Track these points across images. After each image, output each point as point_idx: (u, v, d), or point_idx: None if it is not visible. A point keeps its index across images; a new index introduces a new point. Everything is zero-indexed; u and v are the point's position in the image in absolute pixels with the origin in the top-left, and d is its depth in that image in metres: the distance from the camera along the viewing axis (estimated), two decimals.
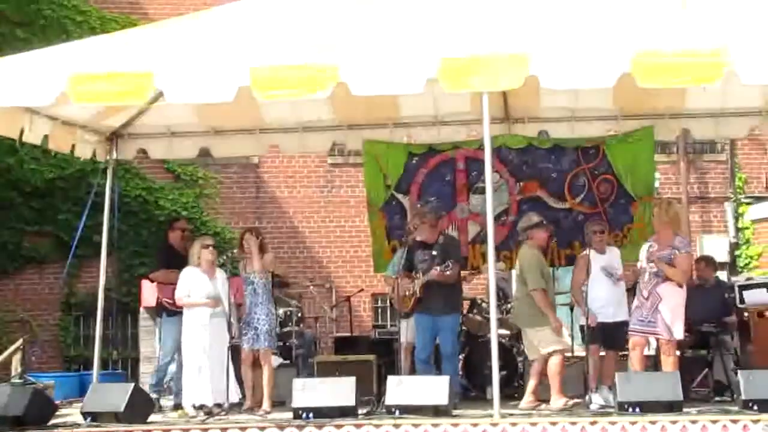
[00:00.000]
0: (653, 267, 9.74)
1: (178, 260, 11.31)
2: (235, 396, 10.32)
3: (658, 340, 9.90)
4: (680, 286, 9.76)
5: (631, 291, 10.30)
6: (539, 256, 10.42)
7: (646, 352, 10.30)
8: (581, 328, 10.77)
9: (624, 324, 10.05)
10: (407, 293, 10.82)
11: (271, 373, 10.47)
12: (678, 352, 10.54)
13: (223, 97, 8.87)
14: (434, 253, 10.68)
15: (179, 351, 10.92)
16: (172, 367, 11.79)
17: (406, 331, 11.00)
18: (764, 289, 11.84)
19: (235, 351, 10.41)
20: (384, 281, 12.34)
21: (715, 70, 8.40)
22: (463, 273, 11.28)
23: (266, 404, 10.26)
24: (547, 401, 10.09)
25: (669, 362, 9.71)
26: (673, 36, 8.77)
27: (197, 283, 10.44)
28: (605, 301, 10.32)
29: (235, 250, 10.88)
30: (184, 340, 10.48)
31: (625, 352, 10.21)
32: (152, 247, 15.46)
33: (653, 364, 10.37)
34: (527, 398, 10.15)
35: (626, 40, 8.73)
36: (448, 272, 10.43)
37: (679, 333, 9.74)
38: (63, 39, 13.68)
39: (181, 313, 10.83)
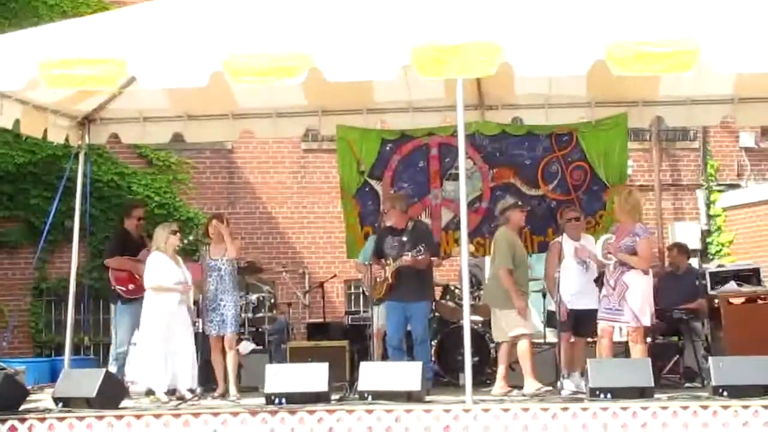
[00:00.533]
0: (611, 259, 9.77)
1: (133, 246, 11.31)
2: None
3: (627, 328, 9.94)
4: (646, 273, 9.81)
5: (598, 281, 10.32)
6: (514, 238, 10.43)
7: (618, 338, 10.36)
8: (550, 313, 10.78)
9: (594, 312, 10.08)
10: (379, 280, 10.83)
11: (235, 358, 10.49)
12: (649, 339, 10.61)
13: (196, 82, 8.83)
14: (404, 239, 10.67)
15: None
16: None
17: (378, 317, 11.03)
18: (733, 282, 11.88)
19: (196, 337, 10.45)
20: (356, 268, 12.33)
21: (689, 58, 8.42)
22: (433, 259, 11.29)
23: (233, 389, 10.27)
24: (518, 387, 10.13)
25: (637, 350, 9.75)
26: (648, 24, 8.79)
27: (166, 269, 10.37)
28: (576, 288, 10.36)
29: (190, 237, 10.94)
30: (150, 326, 10.34)
31: (595, 339, 10.25)
32: None
33: (625, 350, 10.42)
34: (498, 384, 10.19)
35: (600, 27, 8.74)
36: (420, 257, 10.43)
37: (647, 320, 9.78)
38: (34, 23, 13.57)
39: (135, 300, 10.91)
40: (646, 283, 9.76)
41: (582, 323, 10.35)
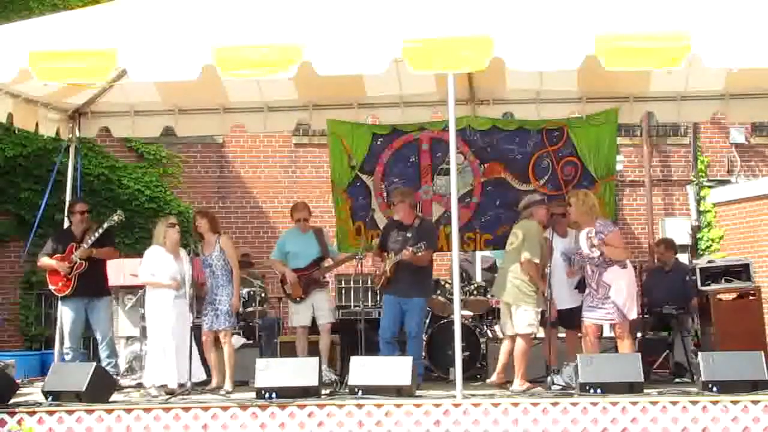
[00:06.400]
0: (596, 251, 9.74)
1: (69, 243, 11.27)
2: (202, 375, 10.31)
3: (612, 325, 9.94)
4: (624, 267, 9.80)
5: (581, 285, 10.24)
6: (541, 231, 10.34)
7: (608, 334, 10.36)
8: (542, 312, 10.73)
9: (581, 308, 10.07)
10: (378, 272, 10.85)
11: (231, 353, 10.47)
12: (639, 334, 10.61)
13: (187, 76, 8.81)
14: (409, 234, 10.62)
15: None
16: (136, 347, 11.83)
17: (296, 314, 11.29)
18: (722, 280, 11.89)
19: (196, 331, 10.43)
20: (271, 264, 12.22)
21: (679, 53, 8.42)
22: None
23: (228, 384, 10.26)
24: (511, 382, 10.12)
25: (625, 345, 9.77)
26: (638, 18, 8.79)
27: (162, 263, 10.36)
28: (563, 285, 10.34)
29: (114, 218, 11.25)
30: (147, 321, 10.42)
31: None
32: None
33: (615, 346, 10.43)
34: (497, 374, 10.24)
35: (592, 22, 8.73)
36: (420, 254, 10.38)
37: (633, 313, 9.80)
38: (25, 15, 13.53)
39: (73, 296, 11.14)
40: (627, 278, 9.79)
41: (570, 319, 10.31)
